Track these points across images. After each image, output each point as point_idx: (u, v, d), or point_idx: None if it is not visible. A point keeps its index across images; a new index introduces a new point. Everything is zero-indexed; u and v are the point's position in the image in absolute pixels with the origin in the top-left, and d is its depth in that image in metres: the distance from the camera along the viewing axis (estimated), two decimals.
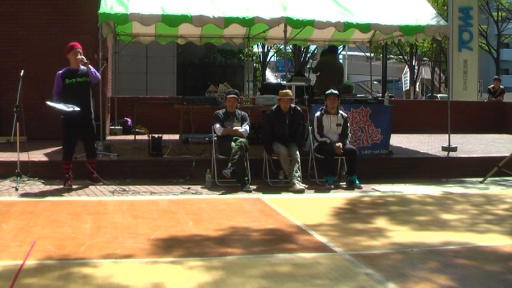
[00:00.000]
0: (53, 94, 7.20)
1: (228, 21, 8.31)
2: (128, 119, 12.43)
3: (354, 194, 7.27)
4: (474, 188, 7.96)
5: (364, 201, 6.85)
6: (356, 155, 7.82)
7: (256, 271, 4.02)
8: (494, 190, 7.78)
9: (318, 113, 8.06)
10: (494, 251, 4.69)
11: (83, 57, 7.22)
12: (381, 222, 5.65)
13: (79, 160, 7.90)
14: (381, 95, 15.20)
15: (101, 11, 7.94)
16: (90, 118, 7.33)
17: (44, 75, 10.55)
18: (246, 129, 7.89)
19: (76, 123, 7.14)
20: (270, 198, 6.82)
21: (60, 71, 7.25)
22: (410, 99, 29.55)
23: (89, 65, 7.21)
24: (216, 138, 7.91)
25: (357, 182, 7.68)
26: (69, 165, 7.26)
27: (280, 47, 31.47)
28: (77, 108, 7.03)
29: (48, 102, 7.05)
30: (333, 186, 7.61)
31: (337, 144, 7.80)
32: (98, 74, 7.36)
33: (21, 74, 7.44)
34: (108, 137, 11.13)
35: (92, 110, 7.35)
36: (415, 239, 4.99)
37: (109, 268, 4.02)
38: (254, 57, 34.46)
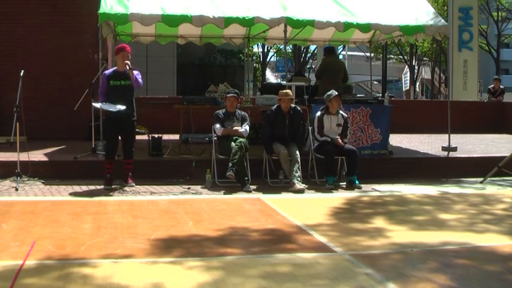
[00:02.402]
0: (98, 94, 7.33)
1: (228, 21, 8.31)
2: None
3: (353, 194, 7.27)
4: (474, 188, 7.96)
5: (364, 201, 6.86)
6: (356, 155, 7.82)
7: (256, 271, 4.02)
8: (493, 190, 7.78)
9: (318, 113, 8.07)
10: (494, 251, 4.69)
11: (128, 62, 7.21)
12: (380, 222, 5.66)
13: (79, 160, 7.91)
14: (380, 95, 15.20)
15: (101, 11, 7.93)
16: (133, 120, 7.34)
17: (44, 75, 10.58)
18: (246, 129, 7.89)
19: (118, 124, 7.18)
20: (270, 198, 6.82)
21: (107, 72, 7.34)
22: (410, 99, 29.59)
23: (133, 71, 7.19)
24: (216, 138, 7.91)
25: (357, 182, 7.68)
26: (111, 165, 7.28)
27: (280, 47, 31.49)
28: (123, 107, 7.10)
29: (94, 104, 7.07)
30: (333, 186, 7.62)
31: (338, 139, 7.82)
32: (140, 81, 7.34)
33: (21, 74, 7.43)
34: None
35: (134, 113, 7.36)
36: (414, 239, 4.99)
37: (109, 268, 4.02)
38: (254, 57, 34.46)
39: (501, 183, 8.23)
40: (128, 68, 7.15)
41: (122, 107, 7.11)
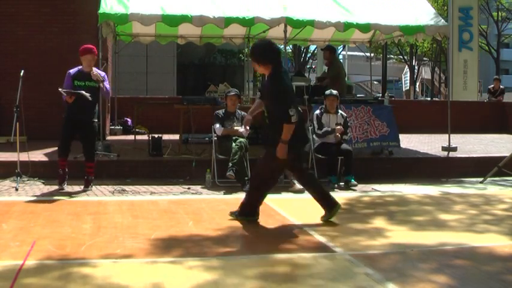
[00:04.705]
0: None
1: (228, 21, 8.31)
2: (128, 119, 12.44)
3: (353, 194, 7.27)
4: (474, 188, 7.96)
5: (364, 201, 6.86)
6: (352, 155, 7.87)
7: (256, 271, 4.02)
8: (493, 190, 7.78)
9: (317, 111, 8.09)
10: (494, 251, 4.69)
11: (96, 72, 7.02)
12: (380, 223, 5.66)
13: (79, 160, 7.90)
14: (380, 94, 15.21)
15: (100, 11, 7.94)
16: (92, 122, 7.14)
17: (44, 75, 10.58)
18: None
19: (76, 124, 7.04)
20: (270, 198, 6.77)
21: (72, 71, 7.11)
22: (410, 99, 29.58)
23: (103, 82, 7.04)
24: (216, 138, 7.91)
25: (353, 180, 7.71)
26: (63, 163, 7.12)
27: (280, 47, 31.46)
28: (87, 94, 6.92)
29: (60, 89, 6.95)
30: (336, 185, 7.64)
31: (337, 127, 7.87)
32: (109, 91, 7.22)
33: (21, 74, 7.42)
34: (108, 137, 11.13)
35: (95, 115, 7.19)
36: (414, 239, 4.99)
37: (109, 268, 4.02)
38: None
39: (502, 184, 8.23)
40: (99, 78, 6.99)
41: (87, 94, 6.91)
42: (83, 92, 6.90)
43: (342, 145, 7.96)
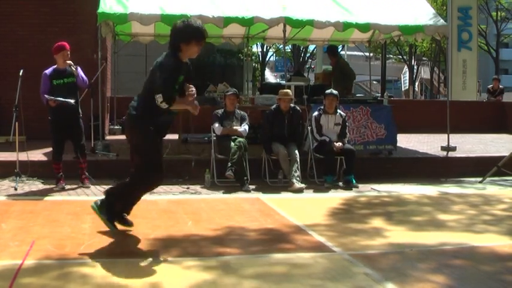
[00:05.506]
0: (40, 94, 7.08)
1: (227, 21, 8.32)
2: None
3: (353, 194, 7.27)
4: (473, 188, 7.97)
5: (363, 201, 6.86)
6: (354, 155, 7.84)
7: (254, 271, 4.03)
8: (492, 190, 7.78)
9: (315, 113, 8.08)
10: (493, 251, 4.69)
11: (71, 62, 7.05)
12: (379, 222, 5.66)
13: (77, 160, 7.89)
14: (380, 94, 15.22)
15: (100, 10, 7.94)
16: (78, 118, 7.18)
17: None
18: (245, 129, 7.90)
19: (63, 124, 7.05)
20: (269, 198, 6.83)
21: (47, 71, 7.10)
22: (409, 99, 29.60)
23: (77, 70, 7.06)
24: (215, 138, 7.91)
25: (354, 181, 7.69)
26: (58, 165, 7.21)
27: (280, 47, 31.48)
28: (72, 101, 7.01)
29: (47, 96, 6.99)
30: (331, 185, 7.62)
31: (336, 144, 7.80)
32: (86, 79, 7.21)
33: (21, 73, 7.42)
34: (108, 137, 11.12)
35: (79, 110, 7.22)
36: (413, 239, 5.00)
37: (108, 267, 4.02)
38: (253, 57, 34.43)
39: (502, 183, 8.23)
40: (73, 68, 7.03)
41: (71, 101, 7.01)
42: (68, 100, 6.97)
43: (345, 144, 7.95)
